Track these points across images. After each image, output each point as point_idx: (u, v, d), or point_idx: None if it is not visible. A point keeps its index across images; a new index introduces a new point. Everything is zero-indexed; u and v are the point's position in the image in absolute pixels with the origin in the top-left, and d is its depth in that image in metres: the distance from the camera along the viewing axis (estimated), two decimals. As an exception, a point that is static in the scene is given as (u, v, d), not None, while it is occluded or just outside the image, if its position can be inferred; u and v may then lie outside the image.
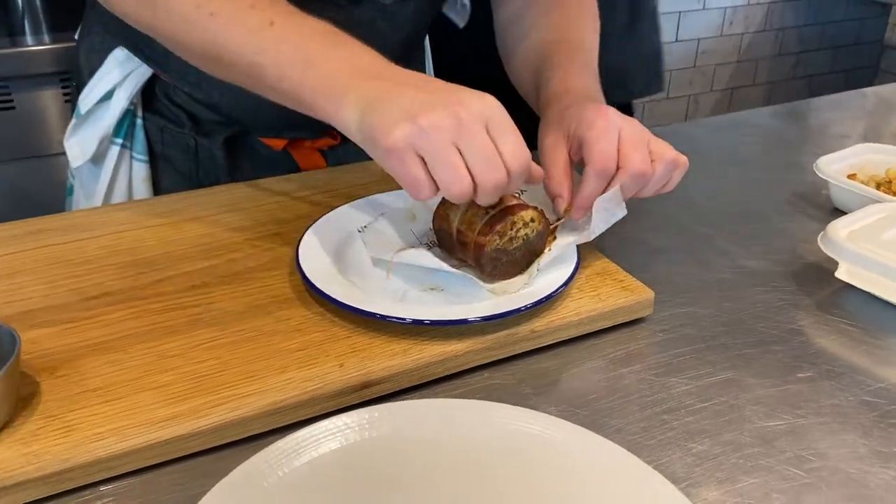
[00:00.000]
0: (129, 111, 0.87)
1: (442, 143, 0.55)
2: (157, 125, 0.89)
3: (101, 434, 0.50)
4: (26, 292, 0.65)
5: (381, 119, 0.56)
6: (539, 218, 0.65)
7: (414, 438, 0.50)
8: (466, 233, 0.64)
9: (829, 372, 0.61)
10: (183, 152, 0.89)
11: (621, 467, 0.48)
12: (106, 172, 0.88)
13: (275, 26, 0.62)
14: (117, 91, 0.86)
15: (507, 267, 0.65)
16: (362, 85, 0.59)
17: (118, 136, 0.88)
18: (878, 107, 1.27)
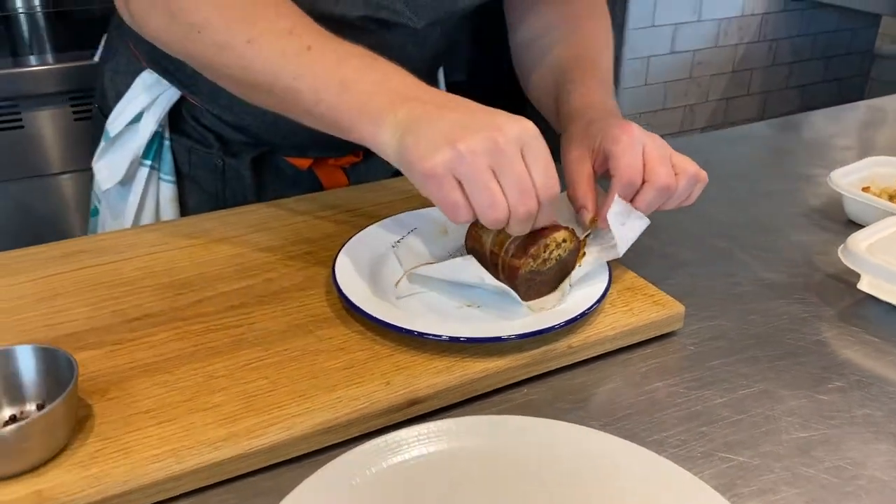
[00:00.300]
0: (157, 133, 0.88)
1: (480, 168, 0.57)
2: (185, 146, 0.90)
3: (159, 455, 0.51)
4: (70, 314, 0.65)
5: (420, 143, 0.58)
6: (570, 238, 0.66)
7: (493, 452, 0.52)
8: (500, 255, 0.65)
9: (858, 382, 0.63)
10: (210, 172, 0.90)
11: (686, 491, 0.49)
12: (135, 194, 0.89)
13: (312, 51, 0.63)
14: (146, 114, 0.87)
15: (539, 287, 0.67)
16: (399, 107, 0.60)
17: (147, 158, 0.89)
18: (873, 118, 1.29)
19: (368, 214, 0.83)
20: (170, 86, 0.87)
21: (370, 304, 0.64)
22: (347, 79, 0.62)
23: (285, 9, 0.66)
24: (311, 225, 0.81)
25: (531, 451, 0.52)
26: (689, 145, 1.13)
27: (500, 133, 0.57)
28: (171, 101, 0.87)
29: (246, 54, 0.64)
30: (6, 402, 0.54)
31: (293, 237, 0.78)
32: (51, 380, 0.54)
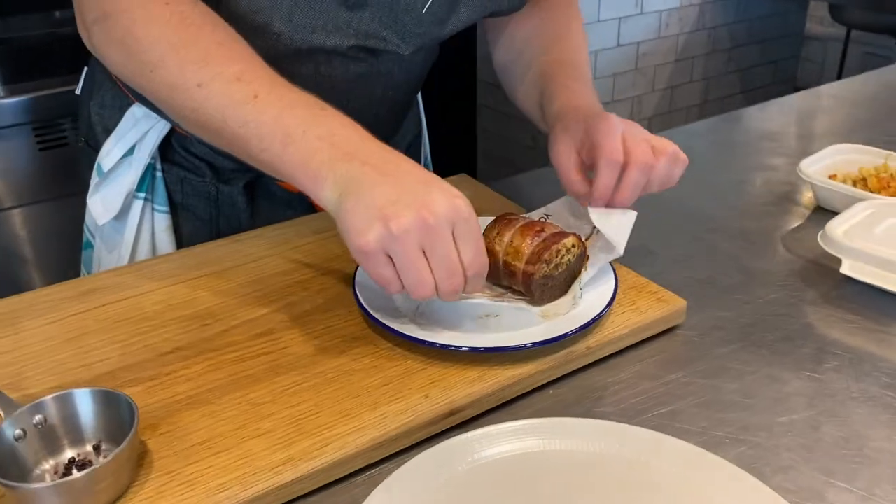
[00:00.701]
0: (149, 165, 0.89)
1: (410, 247, 0.59)
2: (177, 176, 0.91)
3: (225, 484, 0.53)
4: (102, 353, 0.67)
5: (356, 213, 0.60)
6: (578, 243, 0.70)
7: (580, 454, 0.56)
8: (514, 263, 0.69)
9: (851, 360, 0.68)
10: (204, 200, 0.92)
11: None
12: (130, 226, 0.90)
13: (258, 99, 0.65)
14: (138, 147, 0.88)
15: (552, 290, 0.70)
16: (339, 166, 0.62)
17: (141, 191, 0.90)
18: (811, 106, 1.36)
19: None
20: (159, 118, 0.88)
21: (396, 322, 0.67)
22: (292, 131, 0.64)
23: (237, 52, 0.68)
24: (319, 246, 0.83)
25: (618, 454, 0.56)
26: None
27: (430, 213, 0.59)
28: (163, 133, 0.88)
29: (196, 97, 0.66)
30: (67, 443, 0.55)
31: (305, 259, 0.80)
32: (105, 420, 0.56)
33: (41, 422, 0.54)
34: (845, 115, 1.27)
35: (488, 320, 0.69)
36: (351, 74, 0.83)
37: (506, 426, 0.58)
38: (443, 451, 0.56)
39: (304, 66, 0.80)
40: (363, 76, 0.84)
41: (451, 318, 0.69)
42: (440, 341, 0.64)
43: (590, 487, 0.54)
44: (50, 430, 0.55)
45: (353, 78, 0.83)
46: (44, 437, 0.54)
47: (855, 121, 1.23)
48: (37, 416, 0.54)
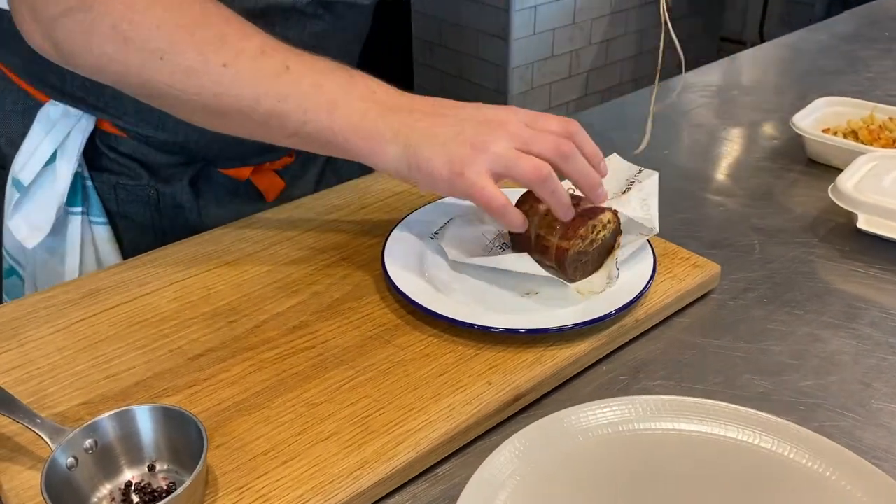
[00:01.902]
0: (77, 175, 0.80)
1: (513, 154, 0.60)
2: (109, 183, 0.82)
3: (303, 496, 0.50)
4: (125, 362, 0.62)
5: (441, 156, 0.59)
6: (614, 219, 0.69)
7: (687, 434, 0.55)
8: (547, 237, 0.67)
9: (882, 315, 0.70)
10: (143, 205, 0.84)
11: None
12: (72, 245, 0.81)
13: (291, 71, 0.61)
14: (60, 153, 0.78)
15: (585, 266, 0.69)
16: (393, 120, 0.61)
17: (75, 204, 0.80)
18: (776, 58, 1.39)
19: (379, 209, 0.82)
20: (81, 116, 0.78)
21: (442, 306, 0.64)
22: (333, 97, 0.61)
23: (249, 27, 0.63)
24: (328, 230, 0.79)
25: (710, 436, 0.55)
26: (615, 110, 1.18)
27: (506, 123, 0.61)
28: (87, 133, 0.79)
29: (222, 79, 0.60)
30: (125, 464, 0.51)
31: (318, 245, 0.76)
32: (160, 438, 0.51)
33: (92, 446, 0.49)
34: (810, 65, 1.29)
35: (529, 298, 0.67)
36: (307, 35, 0.78)
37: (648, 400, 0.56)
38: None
39: (259, 26, 0.74)
40: (319, 36, 0.79)
41: (492, 298, 0.67)
42: (491, 324, 0.62)
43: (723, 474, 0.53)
44: (104, 452, 0.50)
45: (308, 39, 0.78)
46: (98, 460, 0.50)
47: (822, 72, 1.26)
48: (87, 440, 0.49)
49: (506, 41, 2.42)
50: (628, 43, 2.76)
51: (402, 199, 0.84)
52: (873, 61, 1.28)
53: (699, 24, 3.00)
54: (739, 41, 3.13)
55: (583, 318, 0.63)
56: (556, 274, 0.69)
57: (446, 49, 2.63)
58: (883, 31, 1.42)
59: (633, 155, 0.75)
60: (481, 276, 0.69)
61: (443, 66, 2.67)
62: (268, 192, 0.91)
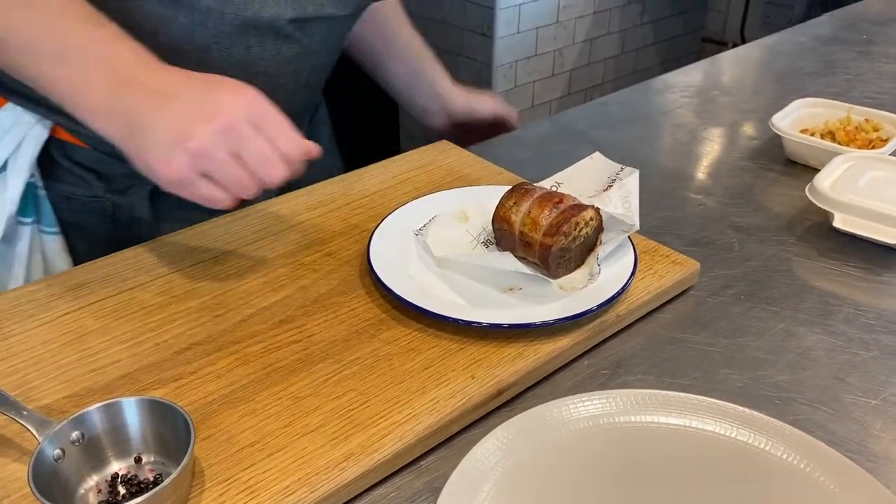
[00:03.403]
0: (29, 185, 0.78)
1: (220, 159, 0.58)
2: (62, 194, 0.80)
3: (289, 487, 0.51)
4: (110, 355, 0.62)
5: (153, 146, 0.58)
6: (596, 216, 0.70)
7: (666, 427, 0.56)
8: (530, 234, 0.68)
9: (856, 312, 0.72)
10: (98, 217, 0.82)
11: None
12: (20, 255, 0.79)
13: (34, 5, 0.59)
14: (11, 162, 0.76)
15: (568, 262, 0.70)
16: (120, 99, 0.59)
17: (27, 215, 0.78)
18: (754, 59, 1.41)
19: (364, 205, 0.83)
20: (35, 123, 0.77)
21: (426, 301, 0.65)
22: (67, 49, 0.59)
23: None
24: (315, 224, 0.79)
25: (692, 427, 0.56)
26: (597, 110, 1.20)
27: (227, 117, 0.58)
28: (40, 141, 0.77)
29: None
30: (112, 456, 0.51)
31: (304, 240, 0.77)
32: (146, 430, 0.52)
33: (79, 438, 0.50)
34: (789, 67, 1.31)
35: (512, 294, 0.68)
36: (281, 57, 0.79)
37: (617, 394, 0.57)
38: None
39: (235, 48, 0.75)
40: (292, 60, 0.80)
41: (475, 293, 0.68)
42: (474, 319, 0.63)
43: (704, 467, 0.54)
44: (90, 444, 0.50)
45: (282, 61, 0.79)
46: (85, 452, 0.50)
47: (800, 73, 1.28)
48: (74, 432, 0.50)
49: (490, 38, 2.43)
50: (611, 42, 2.77)
51: (387, 196, 0.84)
52: (851, 63, 1.31)
53: (681, 24, 3.02)
54: (721, 42, 3.15)
55: (564, 313, 0.64)
56: (538, 270, 0.70)
57: (430, 46, 2.63)
58: (860, 33, 1.45)
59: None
60: (465, 272, 0.70)
61: (427, 64, 2.67)
62: None
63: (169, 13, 0.70)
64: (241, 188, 0.60)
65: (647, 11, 2.85)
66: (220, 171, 0.58)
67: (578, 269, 0.71)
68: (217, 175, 0.59)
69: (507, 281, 0.69)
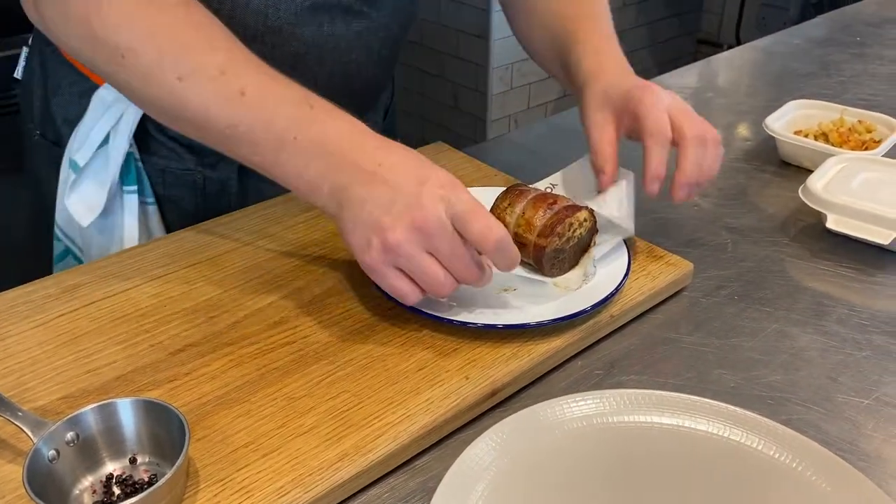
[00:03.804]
0: (130, 156, 0.81)
1: (414, 256, 0.58)
2: (157, 167, 0.83)
3: (284, 488, 0.51)
4: (105, 356, 0.62)
5: (355, 230, 0.59)
6: (590, 217, 0.70)
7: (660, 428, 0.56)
8: (525, 235, 0.68)
9: (849, 312, 0.72)
10: (189, 191, 0.85)
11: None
12: (129, 224, 0.82)
13: (245, 98, 0.61)
14: (113, 135, 0.80)
15: (562, 263, 0.70)
16: (333, 177, 0.60)
17: (129, 184, 0.82)
18: (750, 61, 1.41)
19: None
20: None
21: (421, 302, 0.65)
22: (284, 135, 0.61)
23: (218, 37, 0.63)
24: (312, 225, 0.79)
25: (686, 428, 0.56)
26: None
27: (423, 216, 0.57)
28: (139, 114, 0.80)
29: (175, 92, 0.61)
30: (107, 457, 0.51)
31: (301, 240, 0.77)
32: (141, 431, 0.52)
33: (74, 439, 0.50)
34: (783, 68, 1.32)
35: (507, 295, 0.69)
36: (352, 32, 0.80)
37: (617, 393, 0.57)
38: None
39: (307, 27, 0.76)
40: (363, 34, 0.81)
41: (470, 294, 0.68)
42: (469, 320, 0.63)
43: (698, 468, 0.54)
44: (85, 444, 0.50)
45: (353, 36, 0.80)
46: (80, 452, 0.50)
47: (794, 75, 1.28)
48: (69, 433, 0.50)
49: (486, 40, 2.43)
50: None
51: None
52: (845, 65, 1.31)
53: (676, 26, 3.03)
54: (716, 44, 3.16)
55: (559, 314, 0.64)
56: (532, 271, 0.70)
57: (426, 48, 2.64)
58: (854, 35, 1.45)
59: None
60: None
61: (423, 66, 2.68)
62: None
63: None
64: (434, 285, 0.59)
65: (643, 13, 2.86)
66: (412, 266, 0.58)
67: (573, 270, 0.71)
68: (409, 270, 0.59)
69: (501, 281, 0.70)
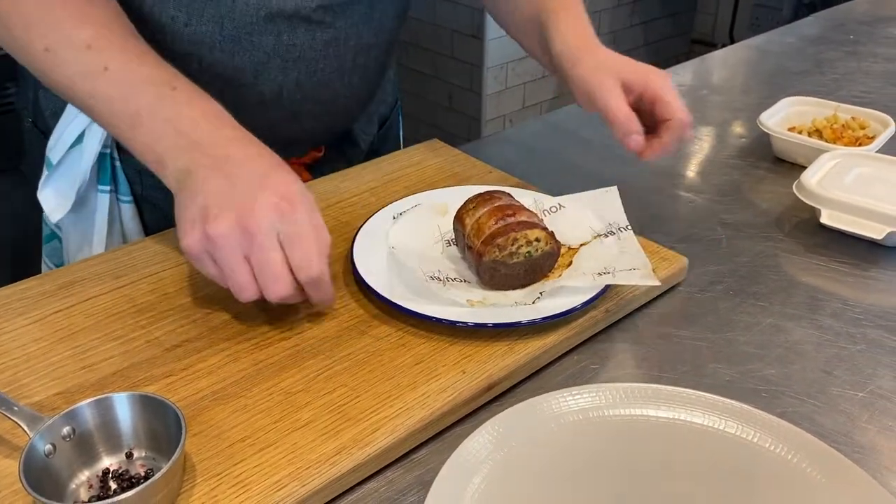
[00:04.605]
0: (106, 155, 0.82)
1: (228, 253, 0.59)
2: (134, 168, 0.84)
3: (281, 481, 0.51)
4: (102, 352, 0.62)
5: (184, 212, 0.60)
6: (546, 239, 0.67)
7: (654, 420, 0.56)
8: (473, 239, 0.68)
9: (843, 306, 0.72)
10: (166, 193, 0.82)
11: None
12: (100, 221, 0.83)
13: (108, 73, 0.63)
14: (87, 134, 0.80)
15: (504, 279, 0.68)
16: (179, 157, 0.62)
17: (104, 183, 0.82)
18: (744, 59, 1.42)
19: (355, 204, 0.83)
20: None
21: (412, 302, 0.64)
22: (139, 113, 0.63)
23: (91, 13, 0.64)
24: (305, 222, 0.79)
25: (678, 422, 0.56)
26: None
27: (251, 218, 0.58)
28: None
29: (45, 63, 0.64)
30: (103, 451, 0.51)
31: (294, 237, 0.77)
32: (137, 425, 0.52)
33: (70, 433, 0.50)
34: (777, 66, 1.32)
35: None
36: (318, 42, 0.78)
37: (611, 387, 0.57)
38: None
39: (265, 36, 0.75)
40: (331, 43, 0.80)
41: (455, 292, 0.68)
42: (459, 319, 0.63)
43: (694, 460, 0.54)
44: (82, 439, 0.50)
45: (320, 46, 0.79)
46: (76, 447, 0.50)
47: (788, 73, 1.29)
48: (65, 427, 0.50)
49: (481, 40, 2.44)
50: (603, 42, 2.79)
51: (377, 194, 0.84)
52: (838, 63, 1.32)
53: (670, 26, 3.04)
54: (710, 43, 3.17)
55: (548, 312, 0.64)
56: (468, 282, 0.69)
57: (421, 49, 2.64)
58: (847, 34, 1.46)
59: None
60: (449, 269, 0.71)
61: (417, 66, 2.68)
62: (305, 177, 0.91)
63: (197, 5, 0.72)
64: (239, 287, 0.59)
65: (638, 13, 2.86)
66: (222, 262, 0.59)
67: (516, 291, 0.69)
68: (220, 264, 0.59)
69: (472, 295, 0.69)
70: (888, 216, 0.77)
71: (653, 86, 0.73)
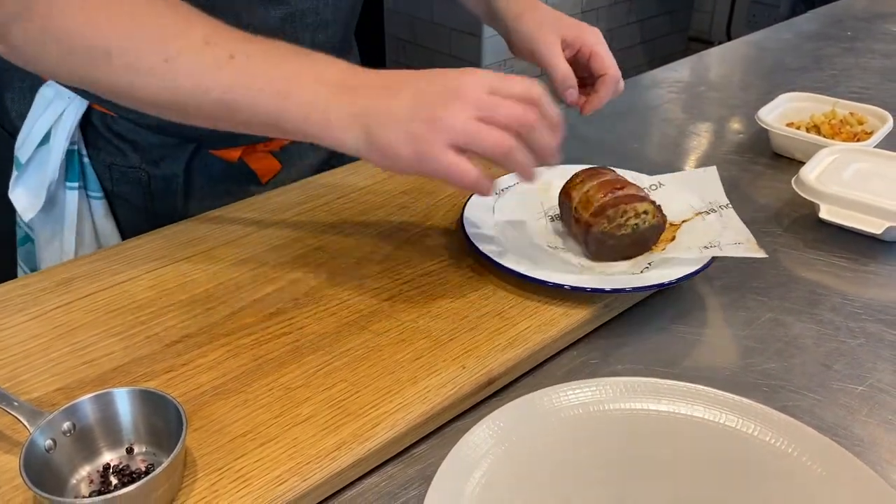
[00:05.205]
0: (73, 152, 0.81)
1: (471, 125, 0.57)
2: (104, 163, 0.83)
3: (281, 476, 0.51)
4: (102, 348, 0.62)
5: (399, 136, 0.57)
6: (654, 212, 0.70)
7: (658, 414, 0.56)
8: (581, 212, 0.70)
9: (843, 301, 0.72)
10: (135, 187, 0.84)
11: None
12: (70, 218, 0.83)
13: (235, 60, 0.60)
14: (54, 132, 0.80)
15: (611, 251, 0.71)
16: (346, 105, 0.59)
17: (73, 180, 0.82)
18: (743, 56, 1.42)
19: (355, 199, 0.83)
20: (74, 97, 0.79)
21: (531, 269, 0.68)
22: (283, 83, 0.59)
23: (194, 17, 0.62)
24: (305, 218, 0.79)
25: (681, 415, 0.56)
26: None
27: (464, 93, 0.57)
28: (79, 113, 0.80)
29: (166, 75, 0.59)
30: (104, 446, 0.51)
31: (295, 234, 0.77)
32: (137, 421, 0.52)
33: (70, 429, 0.50)
34: (775, 62, 1.32)
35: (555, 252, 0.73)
36: (274, 20, 0.77)
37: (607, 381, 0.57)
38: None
39: (225, 15, 0.72)
40: (287, 20, 0.78)
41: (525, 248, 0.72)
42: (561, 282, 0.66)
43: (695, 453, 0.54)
44: (82, 434, 0.50)
45: (276, 24, 0.78)
46: (76, 442, 0.50)
47: (786, 69, 1.29)
48: (66, 422, 0.50)
49: (479, 38, 2.44)
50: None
51: (377, 190, 0.84)
52: (836, 59, 1.32)
53: (668, 24, 3.04)
54: (707, 41, 3.17)
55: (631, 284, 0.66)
56: (582, 250, 0.73)
57: (419, 46, 2.64)
58: (845, 30, 1.46)
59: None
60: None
61: (416, 64, 2.68)
62: (262, 175, 0.90)
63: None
64: (494, 144, 0.57)
65: (635, 11, 2.86)
66: (471, 134, 0.56)
67: (620, 263, 0.71)
68: (468, 138, 0.56)
69: (549, 239, 0.75)
70: (887, 211, 0.78)
71: (588, 42, 0.78)
